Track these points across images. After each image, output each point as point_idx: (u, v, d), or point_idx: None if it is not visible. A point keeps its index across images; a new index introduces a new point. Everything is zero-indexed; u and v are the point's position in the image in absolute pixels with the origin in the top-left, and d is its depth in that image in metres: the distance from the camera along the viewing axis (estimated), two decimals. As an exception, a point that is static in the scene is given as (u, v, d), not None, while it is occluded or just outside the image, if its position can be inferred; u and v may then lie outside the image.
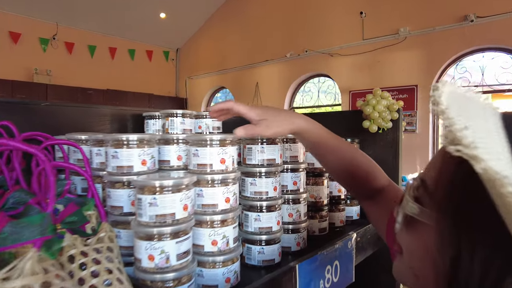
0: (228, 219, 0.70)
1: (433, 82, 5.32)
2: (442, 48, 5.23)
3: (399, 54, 5.64)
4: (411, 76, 5.60)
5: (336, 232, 1.08)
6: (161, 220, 0.60)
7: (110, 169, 0.69)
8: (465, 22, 4.95)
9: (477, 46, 4.91)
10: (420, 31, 5.40)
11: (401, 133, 1.21)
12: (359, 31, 6.01)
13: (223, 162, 0.70)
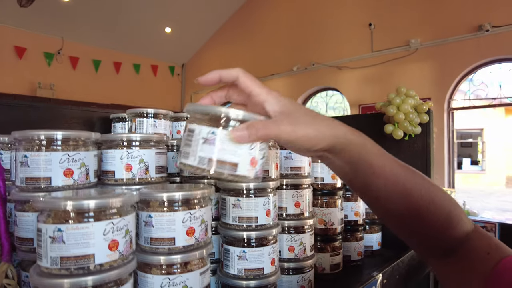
0: (193, 261, 0.46)
1: (447, 94, 5.09)
2: (456, 59, 5.04)
3: (410, 66, 5.46)
4: (424, 89, 5.39)
5: (353, 268, 0.82)
6: (74, 266, 0.36)
7: (18, 182, 0.46)
8: (480, 32, 4.75)
9: (493, 57, 4.70)
10: (431, 42, 5.23)
11: (432, 140, 0.97)
12: (368, 43, 5.87)
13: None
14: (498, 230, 3.58)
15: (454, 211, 0.44)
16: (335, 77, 6.12)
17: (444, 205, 0.44)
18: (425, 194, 0.42)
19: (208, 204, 0.49)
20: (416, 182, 0.43)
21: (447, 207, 0.44)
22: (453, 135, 5.25)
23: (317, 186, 0.79)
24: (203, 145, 0.34)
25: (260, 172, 0.38)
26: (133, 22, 6.62)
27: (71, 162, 0.46)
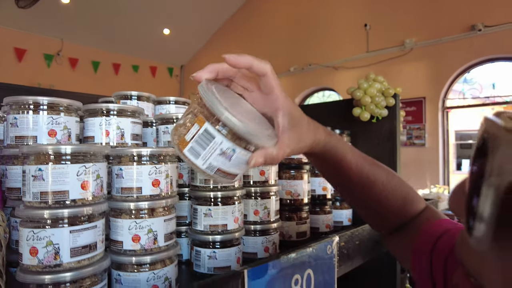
0: (159, 209, 0.53)
1: (441, 93, 5.16)
2: (450, 59, 5.11)
3: (405, 66, 5.53)
4: (419, 88, 5.46)
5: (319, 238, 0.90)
6: (51, 199, 0.44)
7: (8, 141, 0.54)
8: (473, 32, 4.82)
9: (486, 56, 4.77)
10: (426, 42, 5.30)
11: (399, 123, 1.04)
12: (363, 43, 5.95)
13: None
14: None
15: (409, 194, 0.54)
16: (332, 77, 6.20)
17: (402, 189, 0.53)
18: (386, 184, 0.52)
19: (174, 162, 0.57)
20: (378, 173, 0.52)
21: (404, 192, 0.53)
22: (448, 134, 5.32)
23: (284, 160, 0.86)
24: (218, 156, 0.35)
25: None
26: (132, 23, 6.72)
27: (55, 124, 0.54)
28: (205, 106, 0.35)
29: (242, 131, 0.34)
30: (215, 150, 0.34)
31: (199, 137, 0.35)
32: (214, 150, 0.34)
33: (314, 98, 6.76)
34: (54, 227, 0.44)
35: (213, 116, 0.35)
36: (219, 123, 0.34)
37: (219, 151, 0.35)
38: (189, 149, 0.35)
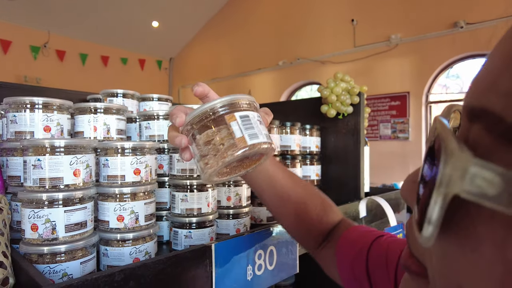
0: (139, 193, 0.63)
1: (425, 88, 5.31)
2: (433, 54, 5.24)
3: (391, 61, 5.64)
4: (403, 83, 5.59)
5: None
6: (49, 184, 0.53)
7: (9, 136, 0.63)
8: (455, 29, 4.96)
9: (467, 53, 4.91)
10: (411, 38, 5.42)
11: (363, 119, 1.15)
12: (350, 38, 6.04)
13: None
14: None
15: (324, 203, 0.59)
16: (319, 71, 6.29)
17: (317, 202, 0.58)
18: (300, 199, 0.56)
19: (153, 154, 0.66)
20: (295, 189, 0.56)
21: (319, 203, 0.58)
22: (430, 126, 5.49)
23: (257, 153, 0.96)
24: (260, 125, 0.40)
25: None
26: (121, 16, 6.68)
27: (49, 121, 0.63)
28: (216, 112, 0.40)
29: (251, 99, 0.42)
30: (257, 123, 0.40)
31: (243, 123, 0.39)
32: (256, 123, 0.40)
33: (303, 92, 6.86)
34: (51, 207, 0.53)
35: (232, 105, 0.40)
36: (242, 105, 0.40)
37: (258, 122, 0.40)
38: (248, 136, 0.38)
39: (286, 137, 1.06)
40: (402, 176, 5.15)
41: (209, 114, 0.40)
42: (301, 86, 6.83)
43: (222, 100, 0.40)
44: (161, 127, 0.80)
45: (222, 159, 0.38)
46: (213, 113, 0.40)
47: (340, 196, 1.17)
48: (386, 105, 5.71)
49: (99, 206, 0.62)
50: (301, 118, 1.19)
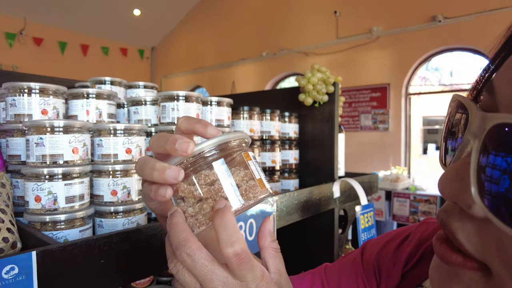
0: (131, 170, 0.70)
1: (404, 80, 5.48)
2: (413, 47, 5.38)
3: (372, 53, 5.76)
4: (384, 75, 5.73)
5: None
6: (50, 160, 0.59)
7: (8, 118, 0.68)
8: (434, 23, 5.11)
9: (445, 46, 5.08)
10: (392, 30, 5.55)
11: (337, 107, 1.24)
12: (333, 30, 6.12)
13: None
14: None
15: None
16: (303, 63, 6.38)
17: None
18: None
19: (142, 135, 0.73)
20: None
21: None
22: (410, 119, 5.69)
23: (239, 137, 1.04)
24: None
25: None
26: (101, 3, 6.53)
27: (46, 105, 0.68)
28: (227, 148, 0.34)
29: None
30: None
31: (255, 166, 0.35)
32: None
33: (286, 83, 6.94)
34: (52, 181, 0.59)
35: (241, 143, 0.36)
36: (243, 145, 0.36)
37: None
38: (266, 181, 0.35)
39: (266, 123, 1.14)
40: (381, 165, 5.35)
41: (229, 148, 0.35)
42: (285, 77, 6.91)
43: (237, 136, 0.35)
44: (148, 112, 0.87)
45: (248, 200, 0.34)
46: (231, 148, 0.35)
47: (316, 178, 1.26)
48: (367, 96, 5.87)
49: (94, 182, 0.68)
50: (280, 106, 1.27)
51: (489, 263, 0.24)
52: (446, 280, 0.27)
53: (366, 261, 0.53)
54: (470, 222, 0.25)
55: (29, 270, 0.44)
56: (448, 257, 0.26)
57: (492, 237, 0.23)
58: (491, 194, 0.21)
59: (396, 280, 0.48)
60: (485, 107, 0.26)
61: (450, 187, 0.25)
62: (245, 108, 1.04)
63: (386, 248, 0.52)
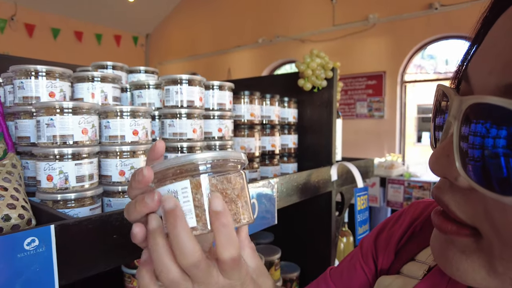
0: (138, 151, 0.72)
1: (400, 68, 5.50)
2: (409, 35, 5.38)
3: (368, 40, 5.75)
4: (380, 63, 5.74)
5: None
6: (60, 141, 0.61)
7: (17, 101, 0.69)
8: (430, 10, 5.10)
9: (441, 34, 5.08)
10: (388, 18, 5.52)
11: (335, 92, 1.26)
12: (330, 17, 6.08)
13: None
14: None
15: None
16: (299, 50, 6.35)
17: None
18: None
19: (148, 118, 0.75)
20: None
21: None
22: (405, 107, 5.73)
23: (240, 122, 1.06)
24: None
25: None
26: (94, -12, 6.41)
27: (53, 88, 0.70)
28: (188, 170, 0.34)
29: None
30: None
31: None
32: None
33: (282, 70, 6.92)
34: (62, 161, 0.61)
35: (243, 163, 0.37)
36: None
37: None
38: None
39: (266, 108, 1.16)
40: (376, 152, 5.41)
41: (232, 161, 0.35)
42: (281, 64, 6.87)
43: (240, 154, 0.37)
44: (152, 96, 0.88)
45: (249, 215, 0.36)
46: (233, 163, 0.36)
47: (314, 163, 1.29)
48: (363, 84, 5.88)
49: (101, 163, 0.70)
50: (280, 92, 1.29)
51: (479, 226, 0.27)
52: (444, 248, 0.30)
53: (365, 250, 0.56)
54: (459, 193, 0.28)
55: (48, 242, 0.46)
56: (444, 227, 0.29)
57: (478, 203, 0.26)
58: (472, 166, 0.24)
59: (391, 257, 0.52)
60: (463, 93, 0.29)
61: (438, 164, 0.28)
62: (246, 92, 1.06)
63: (381, 234, 0.55)
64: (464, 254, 0.29)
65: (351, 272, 0.56)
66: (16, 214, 0.55)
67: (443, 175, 0.28)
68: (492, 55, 0.26)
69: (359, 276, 0.54)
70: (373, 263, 0.54)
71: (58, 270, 0.48)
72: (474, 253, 0.28)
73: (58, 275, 0.47)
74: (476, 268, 0.28)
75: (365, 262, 0.55)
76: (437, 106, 0.32)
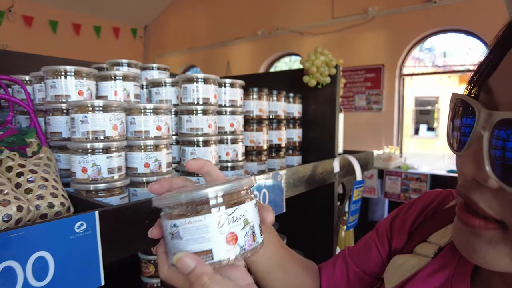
0: (161, 145, 0.78)
1: (399, 61, 5.54)
2: (408, 28, 5.40)
3: (367, 33, 5.76)
4: (378, 56, 5.76)
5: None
6: (92, 136, 0.67)
7: (49, 99, 0.75)
8: (429, 4, 5.12)
9: (440, 28, 5.11)
10: (387, 11, 5.54)
11: (338, 88, 1.32)
12: (329, 9, 6.09)
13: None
14: (429, 179, 4.21)
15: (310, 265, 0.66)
16: (298, 42, 6.36)
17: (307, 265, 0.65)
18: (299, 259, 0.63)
19: (168, 114, 0.81)
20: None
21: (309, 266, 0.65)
22: (403, 99, 5.79)
23: (249, 117, 1.12)
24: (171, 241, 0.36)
25: (248, 244, 0.37)
26: (92, -20, 6.36)
27: (82, 86, 0.75)
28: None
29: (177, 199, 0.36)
30: (167, 237, 0.38)
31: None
32: (167, 237, 0.38)
33: (281, 63, 6.94)
34: (94, 154, 0.67)
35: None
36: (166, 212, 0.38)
37: (169, 236, 0.37)
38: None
39: (273, 104, 1.22)
40: (374, 145, 5.48)
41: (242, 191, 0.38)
42: (280, 57, 6.89)
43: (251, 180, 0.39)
44: (168, 93, 0.94)
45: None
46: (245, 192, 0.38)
47: (317, 155, 1.36)
48: (361, 77, 5.93)
49: (128, 156, 0.76)
50: (285, 88, 1.35)
51: (507, 220, 0.31)
52: (470, 240, 0.35)
53: (380, 233, 0.63)
54: (488, 192, 0.32)
55: (94, 226, 0.53)
56: (472, 222, 0.33)
57: (507, 200, 0.31)
58: (502, 169, 0.29)
59: (405, 239, 0.59)
60: (486, 104, 0.33)
61: (469, 168, 0.32)
62: (255, 89, 1.12)
63: (396, 218, 0.62)
64: (490, 244, 0.33)
65: (367, 252, 0.63)
66: (58, 202, 0.61)
67: (473, 177, 0.32)
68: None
69: (375, 255, 0.62)
70: (388, 244, 0.61)
71: (102, 250, 0.54)
72: (500, 243, 0.32)
73: (102, 255, 0.54)
74: (502, 255, 0.32)
75: (380, 244, 0.62)
76: (456, 114, 0.36)
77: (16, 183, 0.61)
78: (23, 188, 0.61)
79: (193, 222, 0.35)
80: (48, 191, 0.62)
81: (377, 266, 0.60)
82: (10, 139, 0.70)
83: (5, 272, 0.44)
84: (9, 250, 0.44)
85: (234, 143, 1.00)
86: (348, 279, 0.63)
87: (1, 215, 0.51)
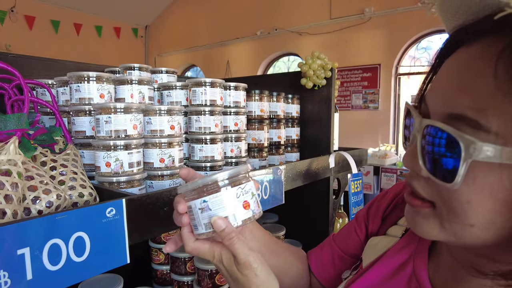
0: (174, 143, 0.87)
1: (395, 61, 5.64)
2: (404, 28, 5.49)
3: (364, 34, 5.85)
4: (375, 56, 5.85)
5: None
6: (115, 134, 0.76)
7: (73, 101, 0.84)
8: (424, 5, 5.20)
9: (436, 28, 5.20)
10: (383, 11, 5.62)
11: (333, 90, 1.41)
12: (326, 10, 6.17)
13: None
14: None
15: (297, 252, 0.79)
16: (297, 42, 6.46)
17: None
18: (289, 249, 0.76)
19: (180, 114, 0.90)
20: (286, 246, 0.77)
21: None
22: (399, 98, 5.89)
23: (251, 116, 1.21)
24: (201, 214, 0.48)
25: (256, 209, 0.51)
26: (93, -20, 6.42)
27: (103, 90, 0.84)
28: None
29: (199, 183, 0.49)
30: (197, 212, 0.50)
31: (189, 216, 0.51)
32: (197, 213, 0.50)
33: (280, 62, 7.03)
34: (116, 151, 0.76)
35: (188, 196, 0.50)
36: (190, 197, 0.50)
37: (200, 211, 0.50)
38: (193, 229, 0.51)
39: (273, 104, 1.31)
40: (371, 142, 5.59)
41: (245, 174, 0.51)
42: (279, 56, 6.98)
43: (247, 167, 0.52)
44: (179, 95, 1.03)
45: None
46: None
47: (314, 152, 1.45)
48: (358, 76, 6.02)
49: (144, 152, 0.85)
50: (284, 89, 1.44)
51: (435, 201, 0.40)
52: (414, 216, 0.44)
53: (359, 220, 0.73)
54: (422, 180, 0.41)
55: (121, 212, 0.62)
56: (413, 202, 0.43)
57: (434, 186, 0.40)
58: (429, 163, 0.38)
59: (379, 223, 0.68)
60: (422, 112, 0.43)
61: (409, 161, 0.42)
62: (257, 91, 1.21)
63: (372, 206, 0.72)
64: (425, 219, 0.42)
65: (348, 237, 0.73)
66: (87, 192, 0.70)
67: (411, 169, 0.42)
68: (439, 90, 0.40)
69: (354, 239, 0.71)
70: (365, 229, 0.71)
71: (127, 232, 0.63)
72: (431, 217, 0.41)
73: (128, 236, 0.63)
74: (433, 227, 0.41)
75: (359, 228, 0.71)
76: (406, 118, 0.47)
77: (50, 176, 0.70)
78: (57, 180, 0.70)
79: (219, 196, 0.47)
80: (78, 182, 0.71)
81: (357, 248, 0.70)
82: (42, 137, 0.79)
83: (52, 248, 0.53)
84: (55, 230, 0.53)
85: (238, 141, 1.10)
86: (333, 260, 0.72)
87: (44, 202, 0.60)
